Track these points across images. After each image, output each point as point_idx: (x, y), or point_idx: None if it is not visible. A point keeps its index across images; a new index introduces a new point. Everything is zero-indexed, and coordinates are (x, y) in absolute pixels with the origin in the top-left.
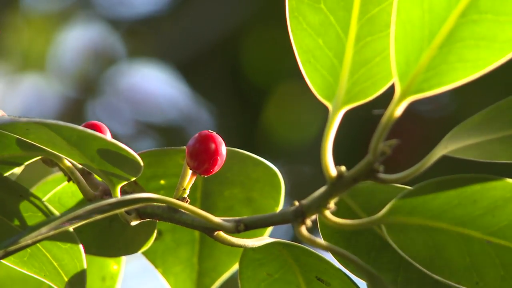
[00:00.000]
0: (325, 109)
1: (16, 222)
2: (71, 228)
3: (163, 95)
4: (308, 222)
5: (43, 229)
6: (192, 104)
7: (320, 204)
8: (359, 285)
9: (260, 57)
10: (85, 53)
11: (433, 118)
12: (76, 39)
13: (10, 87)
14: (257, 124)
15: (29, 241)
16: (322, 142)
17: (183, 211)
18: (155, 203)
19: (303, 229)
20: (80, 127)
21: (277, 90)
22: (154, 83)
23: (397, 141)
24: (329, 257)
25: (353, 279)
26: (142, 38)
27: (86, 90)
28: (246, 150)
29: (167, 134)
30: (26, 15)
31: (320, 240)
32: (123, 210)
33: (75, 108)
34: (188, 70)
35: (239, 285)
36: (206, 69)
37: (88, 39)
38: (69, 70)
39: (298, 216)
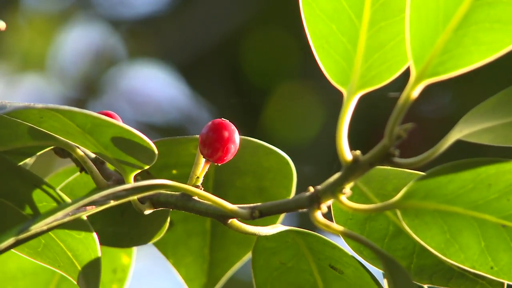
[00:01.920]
0: (325, 109)
1: (30, 212)
2: (85, 217)
3: (164, 95)
4: (324, 207)
5: (59, 214)
6: (193, 104)
7: (335, 189)
8: (373, 273)
9: (260, 58)
10: (85, 54)
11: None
12: (77, 40)
13: (10, 87)
14: (258, 124)
15: (45, 228)
16: (337, 127)
17: (197, 199)
18: (169, 192)
19: (319, 215)
20: (95, 114)
21: (277, 90)
22: (154, 84)
23: (413, 124)
24: (343, 245)
25: (367, 267)
26: (143, 38)
27: (86, 91)
28: None
29: (168, 134)
30: (27, 15)
31: (336, 225)
32: (136, 198)
33: None
34: (189, 70)
35: (252, 273)
36: (206, 69)
37: (88, 40)
38: (69, 70)
39: (313, 202)
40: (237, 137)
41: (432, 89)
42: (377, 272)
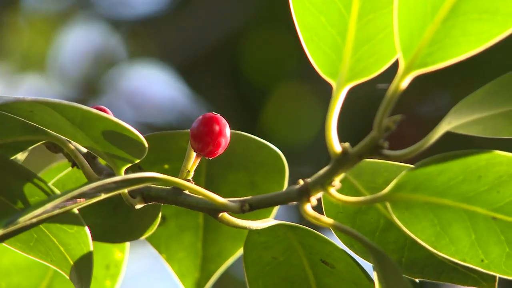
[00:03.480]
0: (326, 108)
1: (22, 206)
2: (76, 211)
3: (164, 96)
4: (313, 200)
5: (48, 206)
6: (193, 105)
7: (325, 182)
8: (364, 267)
9: (260, 59)
10: (85, 54)
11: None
12: (77, 40)
13: (10, 87)
14: (257, 125)
15: (34, 220)
16: (326, 119)
17: (188, 193)
18: (160, 186)
19: (308, 207)
20: (85, 107)
21: (277, 91)
22: (154, 84)
23: (402, 116)
24: (334, 239)
25: (358, 261)
26: (142, 39)
27: (86, 91)
28: None
29: None
30: (27, 15)
31: (325, 218)
32: (127, 192)
33: None
34: (189, 71)
35: (244, 268)
36: (206, 70)
37: (88, 40)
38: (69, 70)
39: (303, 195)
40: (228, 131)
41: (432, 87)
42: (369, 266)
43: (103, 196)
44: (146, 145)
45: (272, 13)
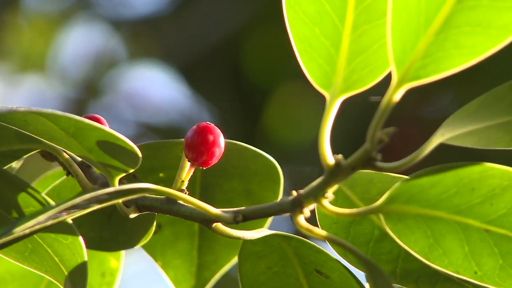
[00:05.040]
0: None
1: (16, 216)
2: (70, 220)
3: (164, 96)
4: (306, 211)
5: (41, 218)
6: (194, 105)
7: (317, 193)
8: (358, 277)
9: (261, 59)
10: (86, 54)
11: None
12: (77, 40)
13: (11, 88)
14: (259, 125)
15: (27, 231)
16: (319, 131)
17: (182, 203)
18: (154, 196)
19: (301, 219)
20: (78, 117)
21: (278, 91)
22: (155, 85)
23: (395, 129)
24: (329, 249)
25: (353, 270)
26: (143, 39)
27: (87, 91)
28: None
29: (168, 135)
30: (27, 15)
31: (318, 230)
32: (121, 202)
33: (76, 109)
34: (190, 71)
35: (238, 278)
36: (207, 70)
37: (89, 40)
38: (70, 71)
39: (296, 206)
40: (222, 140)
41: (433, 89)
42: (363, 275)
43: (97, 206)
44: (140, 155)
45: (273, 13)
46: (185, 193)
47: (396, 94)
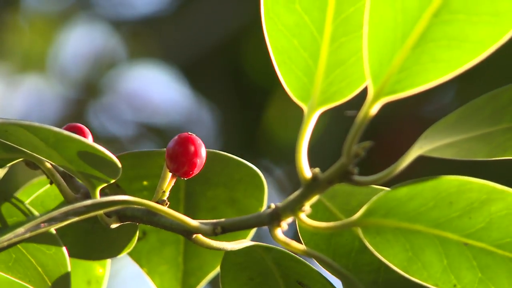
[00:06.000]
0: (327, 108)
1: (0, 226)
2: (53, 230)
3: (165, 96)
4: (284, 225)
5: (19, 230)
6: (194, 105)
7: (295, 207)
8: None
9: (262, 59)
10: (86, 54)
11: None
12: (77, 40)
13: (11, 88)
14: (259, 125)
15: (5, 244)
16: (296, 144)
17: (162, 214)
18: (135, 206)
19: (279, 232)
20: (57, 129)
21: (278, 91)
22: (155, 85)
23: (371, 143)
24: (310, 260)
25: (335, 282)
26: (143, 39)
27: (87, 92)
28: (248, 151)
29: (168, 136)
30: (27, 15)
31: (295, 243)
32: (102, 213)
33: (76, 110)
34: (190, 71)
35: None
36: (208, 70)
37: (89, 40)
38: (70, 71)
39: (273, 219)
40: (203, 151)
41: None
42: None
43: (75, 219)
44: (120, 166)
45: None
46: (166, 204)
47: (372, 108)
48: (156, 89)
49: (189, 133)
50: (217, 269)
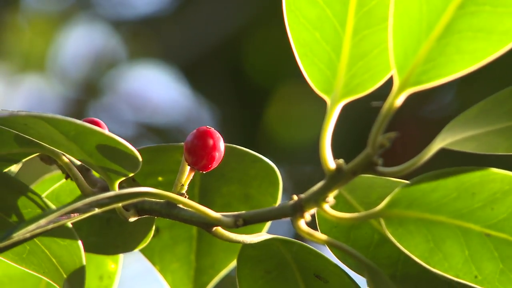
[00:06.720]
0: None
1: (15, 219)
2: (69, 224)
3: (165, 96)
4: (307, 216)
5: (42, 222)
6: (194, 105)
7: (318, 198)
8: (357, 282)
9: (262, 58)
10: (86, 54)
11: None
12: (77, 40)
13: (11, 88)
14: (260, 125)
15: (28, 235)
16: (320, 136)
17: (181, 206)
18: (154, 199)
19: (302, 223)
20: (79, 121)
21: (279, 91)
22: (155, 85)
23: (396, 133)
24: (328, 254)
25: (352, 275)
26: (143, 39)
27: (87, 92)
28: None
29: (168, 135)
30: (27, 15)
31: (319, 234)
32: (121, 206)
33: (76, 110)
34: (190, 71)
35: (237, 282)
36: (208, 70)
37: (89, 40)
38: (70, 71)
39: (296, 210)
40: (222, 144)
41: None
42: (362, 280)
43: (97, 210)
44: (140, 159)
45: (274, 13)
46: (185, 197)
47: (397, 99)
48: (156, 89)
49: (208, 126)
50: (229, 267)
